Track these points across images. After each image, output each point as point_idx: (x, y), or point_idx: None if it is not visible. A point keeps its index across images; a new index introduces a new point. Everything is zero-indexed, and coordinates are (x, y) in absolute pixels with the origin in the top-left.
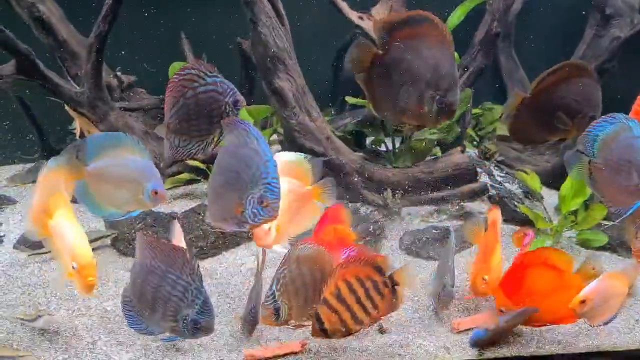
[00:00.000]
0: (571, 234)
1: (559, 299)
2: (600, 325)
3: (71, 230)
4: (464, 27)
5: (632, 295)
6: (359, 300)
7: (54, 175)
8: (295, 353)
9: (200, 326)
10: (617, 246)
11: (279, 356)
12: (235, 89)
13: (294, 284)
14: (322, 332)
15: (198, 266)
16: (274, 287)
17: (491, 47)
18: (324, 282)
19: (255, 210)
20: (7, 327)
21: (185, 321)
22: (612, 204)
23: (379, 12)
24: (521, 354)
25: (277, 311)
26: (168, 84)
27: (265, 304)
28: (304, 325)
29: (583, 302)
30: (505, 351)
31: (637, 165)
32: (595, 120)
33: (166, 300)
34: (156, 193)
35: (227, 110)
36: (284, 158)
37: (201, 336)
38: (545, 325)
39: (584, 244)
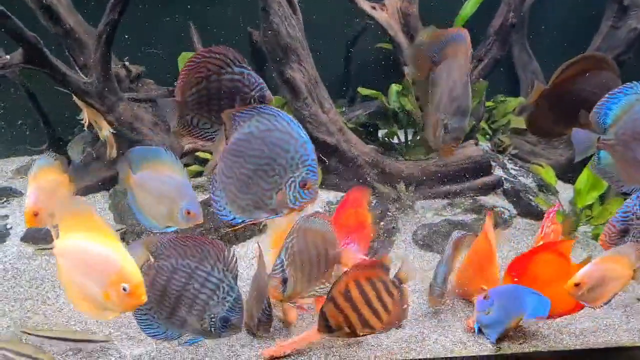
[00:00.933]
0: (586, 228)
1: (560, 287)
2: (601, 307)
3: (116, 249)
4: (477, 18)
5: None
6: (369, 303)
7: (45, 173)
8: (312, 343)
9: (229, 324)
10: None
11: (298, 351)
12: (264, 84)
13: (301, 255)
14: (326, 328)
15: (236, 261)
16: (282, 256)
17: (507, 37)
18: (327, 259)
19: (296, 194)
20: (16, 320)
21: (213, 320)
22: (624, 183)
23: (392, 3)
24: (539, 349)
25: (284, 282)
26: (191, 59)
27: (274, 272)
28: (303, 309)
29: (577, 285)
30: (524, 346)
31: None
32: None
33: (193, 299)
34: (189, 213)
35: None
36: None
37: (228, 335)
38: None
39: None
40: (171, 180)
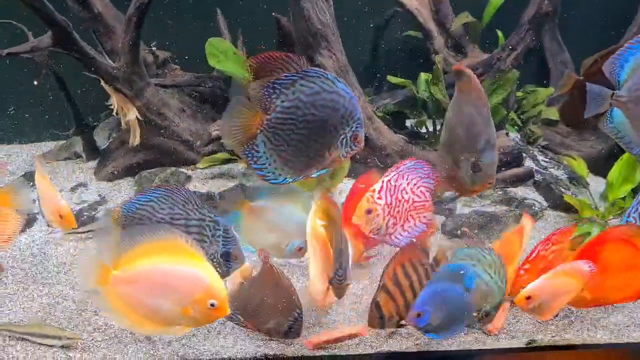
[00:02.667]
0: (618, 222)
1: (631, 276)
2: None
3: (201, 266)
4: (509, 5)
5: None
6: (412, 285)
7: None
8: (356, 335)
9: (232, 256)
10: None
11: (339, 339)
12: None
13: None
14: (379, 320)
15: (195, 193)
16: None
17: (541, 27)
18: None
19: (348, 148)
20: (44, 305)
21: (214, 260)
22: (634, 145)
23: None
24: (571, 342)
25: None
26: (281, 55)
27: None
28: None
29: (528, 298)
30: (556, 339)
31: None
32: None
33: None
34: (300, 250)
35: None
36: None
37: (236, 267)
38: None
39: None
40: (293, 214)
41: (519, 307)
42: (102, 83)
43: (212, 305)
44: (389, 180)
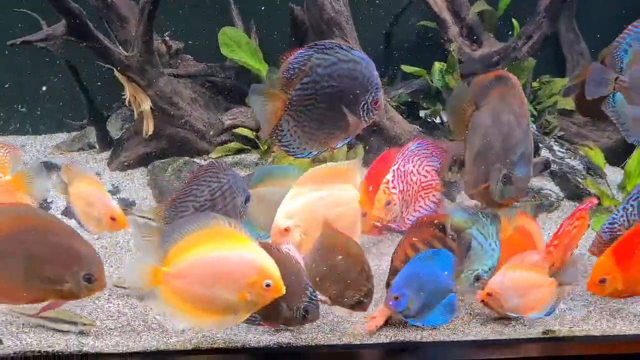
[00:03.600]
0: None
1: None
2: (543, 317)
3: (249, 248)
4: None
5: (565, 282)
6: None
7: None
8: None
9: (249, 198)
10: None
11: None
12: None
13: None
14: None
15: (218, 163)
16: None
17: (557, 14)
18: None
19: (370, 113)
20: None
21: (241, 212)
22: (631, 134)
23: None
24: (591, 333)
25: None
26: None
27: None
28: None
29: (489, 295)
30: (574, 330)
31: None
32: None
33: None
34: None
35: None
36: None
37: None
38: None
39: None
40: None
41: (485, 304)
42: (115, 72)
43: (267, 285)
44: (398, 168)
